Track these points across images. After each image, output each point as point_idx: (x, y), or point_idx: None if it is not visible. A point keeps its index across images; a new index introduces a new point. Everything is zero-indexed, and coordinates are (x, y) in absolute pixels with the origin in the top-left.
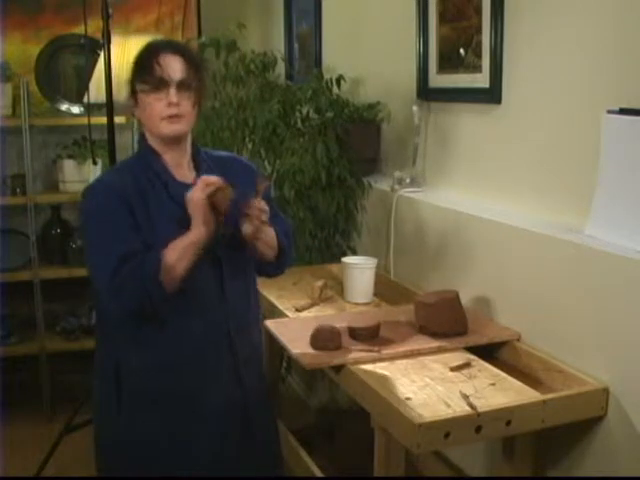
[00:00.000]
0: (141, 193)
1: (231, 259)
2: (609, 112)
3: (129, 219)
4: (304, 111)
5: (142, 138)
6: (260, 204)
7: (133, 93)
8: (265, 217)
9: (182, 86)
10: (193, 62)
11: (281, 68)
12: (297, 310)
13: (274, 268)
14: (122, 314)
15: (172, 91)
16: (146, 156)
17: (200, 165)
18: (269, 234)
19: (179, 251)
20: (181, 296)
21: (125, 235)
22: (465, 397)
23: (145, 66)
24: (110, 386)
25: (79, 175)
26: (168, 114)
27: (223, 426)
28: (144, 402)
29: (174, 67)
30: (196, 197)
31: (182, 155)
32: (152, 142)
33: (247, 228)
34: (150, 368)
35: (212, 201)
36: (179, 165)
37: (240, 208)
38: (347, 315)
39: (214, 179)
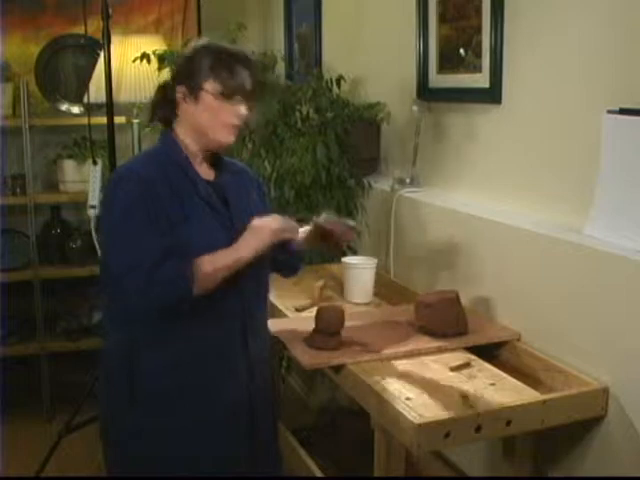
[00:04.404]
0: (172, 189)
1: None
2: (609, 112)
3: (164, 213)
4: (304, 111)
5: (168, 130)
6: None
7: (194, 88)
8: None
9: (250, 98)
10: (259, 78)
11: (281, 68)
12: (297, 310)
13: (298, 262)
14: (146, 309)
15: (244, 102)
16: (172, 149)
17: (220, 166)
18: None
19: (221, 262)
20: (200, 296)
21: (163, 229)
22: (465, 397)
23: (227, 69)
24: (122, 383)
25: (79, 175)
26: (233, 123)
27: (230, 426)
28: (156, 399)
29: (248, 78)
30: (267, 236)
31: (209, 156)
32: (189, 140)
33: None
34: (164, 366)
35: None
36: (201, 163)
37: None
38: (347, 315)
39: (290, 229)
